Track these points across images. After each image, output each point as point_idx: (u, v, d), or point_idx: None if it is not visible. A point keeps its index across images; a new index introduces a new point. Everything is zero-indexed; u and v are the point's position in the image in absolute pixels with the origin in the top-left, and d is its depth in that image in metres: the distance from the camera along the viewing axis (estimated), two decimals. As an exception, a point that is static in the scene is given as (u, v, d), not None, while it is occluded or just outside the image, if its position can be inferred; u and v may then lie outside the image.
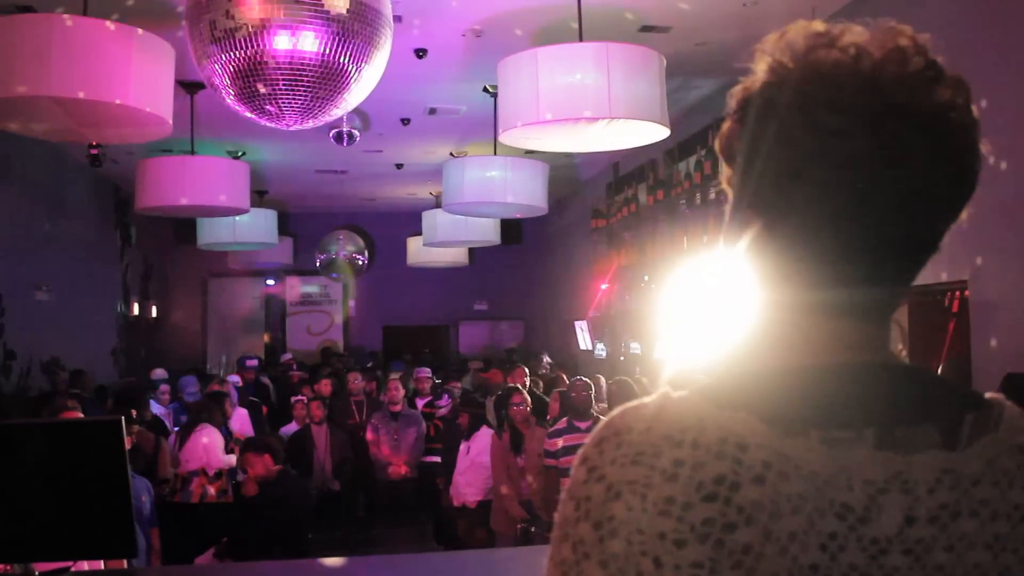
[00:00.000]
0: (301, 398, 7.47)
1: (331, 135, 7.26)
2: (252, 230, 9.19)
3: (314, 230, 12.61)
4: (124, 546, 2.41)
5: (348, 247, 12.07)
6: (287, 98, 3.63)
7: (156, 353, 12.12)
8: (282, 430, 7.29)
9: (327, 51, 3.50)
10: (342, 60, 3.55)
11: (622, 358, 8.93)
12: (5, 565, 2.47)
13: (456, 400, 7.15)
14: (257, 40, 3.44)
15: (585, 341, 10.44)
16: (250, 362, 9.56)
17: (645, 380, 6.07)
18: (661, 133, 4.49)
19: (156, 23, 4.64)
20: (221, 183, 6.50)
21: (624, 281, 8.97)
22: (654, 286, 7.76)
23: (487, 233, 9.01)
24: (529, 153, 6.45)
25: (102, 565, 3.06)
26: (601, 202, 9.99)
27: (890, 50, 0.70)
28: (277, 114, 3.73)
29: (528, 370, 7.71)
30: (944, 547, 0.66)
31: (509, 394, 5.87)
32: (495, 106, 5.01)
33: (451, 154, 8.85)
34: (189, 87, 6.30)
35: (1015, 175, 3.61)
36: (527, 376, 7.38)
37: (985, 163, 0.73)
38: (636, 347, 8.60)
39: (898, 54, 0.70)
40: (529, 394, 6.01)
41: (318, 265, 12.18)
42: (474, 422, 6.23)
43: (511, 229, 11.94)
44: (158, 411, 7.28)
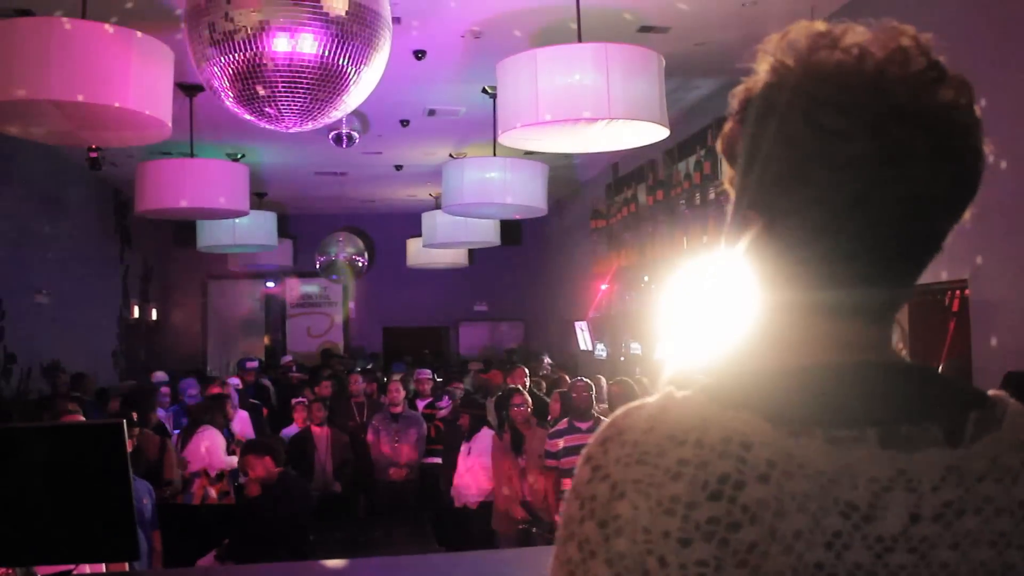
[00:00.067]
0: (302, 400, 7.47)
1: (330, 137, 7.26)
2: (252, 232, 9.19)
3: (314, 232, 12.59)
4: (126, 549, 2.41)
5: (348, 249, 12.05)
6: (286, 100, 3.63)
7: (156, 355, 12.13)
8: (283, 432, 7.28)
9: (326, 53, 3.50)
10: (341, 62, 3.55)
11: (622, 358, 8.92)
12: (7, 568, 2.47)
13: (456, 401, 7.15)
14: (256, 42, 3.44)
15: (585, 342, 10.44)
16: (250, 364, 9.55)
17: (646, 380, 6.07)
18: (660, 133, 4.49)
19: (155, 26, 4.63)
20: (221, 185, 6.49)
21: (624, 281, 8.96)
22: (654, 286, 7.76)
23: (487, 234, 9.00)
24: (528, 154, 6.46)
25: (104, 568, 3.06)
26: (601, 202, 9.98)
27: (893, 50, 0.70)
28: (276, 116, 3.73)
29: (528, 371, 7.71)
30: (949, 545, 0.66)
31: (510, 395, 5.86)
32: (494, 107, 5.01)
33: (450, 155, 8.85)
34: (188, 90, 6.30)
35: (1015, 175, 3.61)
36: (527, 377, 7.38)
37: (985, 163, 0.74)
38: (636, 347, 8.60)
39: (901, 54, 0.70)
40: (530, 395, 6.00)
41: (318, 267, 12.17)
42: (475, 423, 6.23)
43: (511, 230, 11.92)
44: (159, 414, 7.27)
